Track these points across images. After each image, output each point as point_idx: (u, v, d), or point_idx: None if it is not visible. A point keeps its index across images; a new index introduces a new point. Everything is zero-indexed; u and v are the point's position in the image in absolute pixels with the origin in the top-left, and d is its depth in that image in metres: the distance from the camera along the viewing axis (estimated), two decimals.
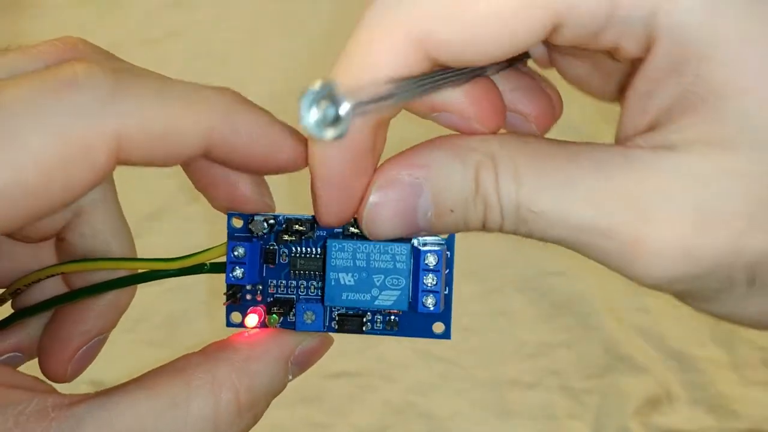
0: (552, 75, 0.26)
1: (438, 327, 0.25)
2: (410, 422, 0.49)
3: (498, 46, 0.19)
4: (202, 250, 0.25)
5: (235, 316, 0.25)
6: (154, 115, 0.20)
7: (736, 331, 0.53)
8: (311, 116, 0.17)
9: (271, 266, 0.25)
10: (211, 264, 0.25)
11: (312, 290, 0.25)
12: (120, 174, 0.25)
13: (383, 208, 0.22)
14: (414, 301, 0.24)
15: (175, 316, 0.54)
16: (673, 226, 0.18)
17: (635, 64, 0.20)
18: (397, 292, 0.24)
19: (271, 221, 0.25)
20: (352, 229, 0.24)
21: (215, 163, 0.24)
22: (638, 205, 0.19)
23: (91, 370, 0.29)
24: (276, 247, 0.25)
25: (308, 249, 0.25)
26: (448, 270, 0.24)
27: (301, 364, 0.25)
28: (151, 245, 0.26)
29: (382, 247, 0.24)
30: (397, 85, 0.19)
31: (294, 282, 0.25)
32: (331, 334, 0.25)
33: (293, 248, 0.25)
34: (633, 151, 0.20)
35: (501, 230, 0.21)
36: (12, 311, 0.28)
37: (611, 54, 0.21)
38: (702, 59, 0.18)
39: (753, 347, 0.51)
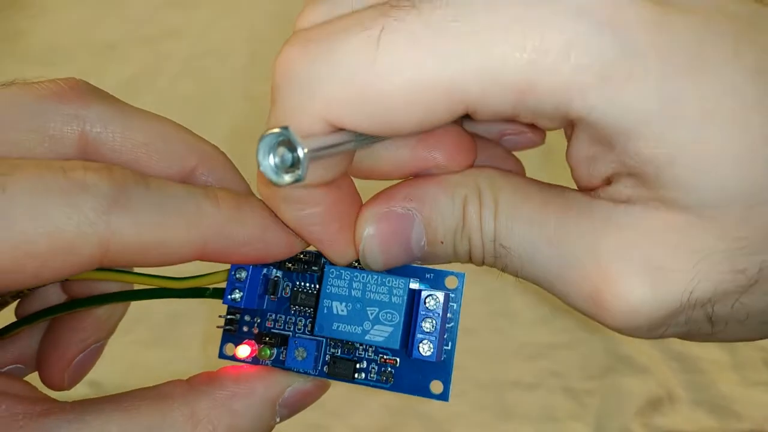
0: None
1: (436, 386, 0.23)
2: (409, 424, 0.49)
3: (408, 127, 0.19)
4: (208, 273, 0.25)
5: (229, 348, 0.25)
6: (146, 231, 0.21)
7: None
8: (269, 161, 0.17)
9: (273, 298, 0.25)
10: (213, 289, 0.25)
11: (309, 329, 0.24)
12: None
13: (379, 239, 0.22)
14: (410, 346, 0.23)
15: (174, 316, 0.54)
16: (627, 286, 0.19)
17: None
18: (390, 328, 0.22)
19: None
20: (354, 262, 0.24)
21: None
22: (597, 258, 0.20)
23: (90, 371, 0.29)
24: (280, 278, 0.25)
25: (311, 285, 0.24)
26: (452, 323, 0.23)
27: (291, 407, 0.24)
28: None
29: (380, 278, 0.23)
30: (346, 133, 0.19)
31: (293, 318, 0.24)
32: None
33: (297, 282, 0.24)
34: (596, 203, 0.20)
35: (484, 263, 0.22)
36: (13, 320, 0.28)
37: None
38: (626, 137, 0.18)
39: (754, 348, 0.51)
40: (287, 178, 0.17)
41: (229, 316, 0.25)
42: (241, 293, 0.24)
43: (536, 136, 0.26)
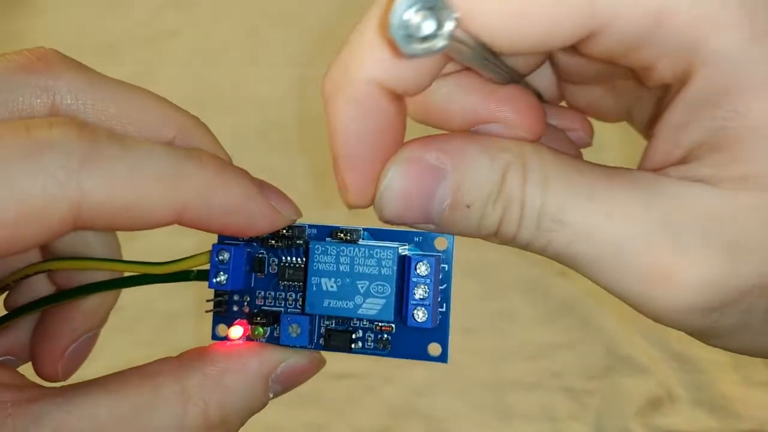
0: None
1: (434, 349, 0.23)
2: (410, 423, 0.49)
3: (533, 38, 0.18)
4: (190, 255, 0.24)
5: (221, 329, 0.24)
6: (121, 190, 0.19)
7: None
8: (404, 22, 0.15)
9: (260, 276, 0.24)
10: (198, 271, 0.24)
11: (300, 303, 0.24)
12: None
13: (401, 184, 0.20)
14: (404, 314, 0.22)
15: (172, 316, 0.54)
16: (703, 259, 0.18)
17: (661, 93, 0.20)
18: (382, 301, 0.22)
19: None
20: (341, 235, 0.23)
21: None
22: (670, 233, 0.19)
23: (89, 371, 0.29)
24: (265, 255, 0.24)
25: (298, 259, 0.24)
26: (445, 285, 0.23)
27: (285, 383, 0.23)
28: (147, 246, 0.26)
29: (367, 250, 0.22)
30: (474, 40, 0.18)
31: (282, 294, 0.24)
32: (322, 353, 0.24)
33: (283, 257, 0.24)
34: (666, 180, 0.19)
35: (514, 240, 0.20)
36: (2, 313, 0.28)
37: (639, 75, 0.20)
38: (742, 94, 0.18)
39: None
40: (419, 47, 0.15)
41: (217, 299, 0.24)
42: (226, 275, 0.23)
43: (586, 135, 0.25)
